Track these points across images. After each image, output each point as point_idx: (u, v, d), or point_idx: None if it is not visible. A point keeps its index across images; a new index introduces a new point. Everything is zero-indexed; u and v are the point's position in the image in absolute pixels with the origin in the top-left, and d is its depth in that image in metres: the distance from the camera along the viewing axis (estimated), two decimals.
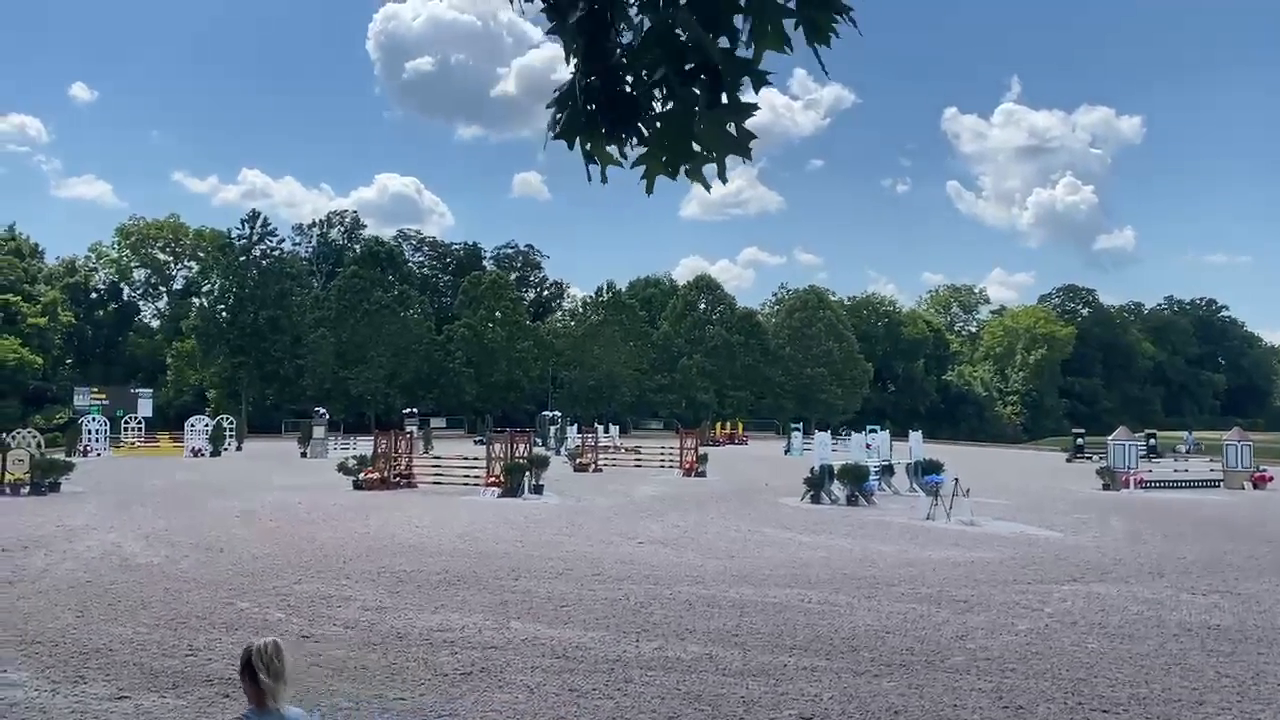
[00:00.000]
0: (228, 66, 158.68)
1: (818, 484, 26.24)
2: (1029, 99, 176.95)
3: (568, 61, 3.09)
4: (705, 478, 34.80)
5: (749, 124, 2.99)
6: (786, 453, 54.23)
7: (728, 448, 60.81)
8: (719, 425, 72.19)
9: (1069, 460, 50.57)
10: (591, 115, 3.08)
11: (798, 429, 58.78)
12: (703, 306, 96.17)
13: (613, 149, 3.14)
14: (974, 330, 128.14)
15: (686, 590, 13.12)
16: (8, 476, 27.10)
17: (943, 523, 21.40)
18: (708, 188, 3.12)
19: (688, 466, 36.28)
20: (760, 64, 2.92)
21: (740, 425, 73.74)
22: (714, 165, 3.06)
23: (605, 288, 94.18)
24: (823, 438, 28.81)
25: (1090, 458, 46.40)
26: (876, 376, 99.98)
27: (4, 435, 29.16)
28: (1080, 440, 53.81)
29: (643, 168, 3.08)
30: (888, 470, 30.09)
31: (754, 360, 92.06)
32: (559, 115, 3.11)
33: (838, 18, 2.89)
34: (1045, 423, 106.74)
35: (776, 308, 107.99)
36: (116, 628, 10.71)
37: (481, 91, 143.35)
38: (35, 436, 29.60)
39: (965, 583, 13.98)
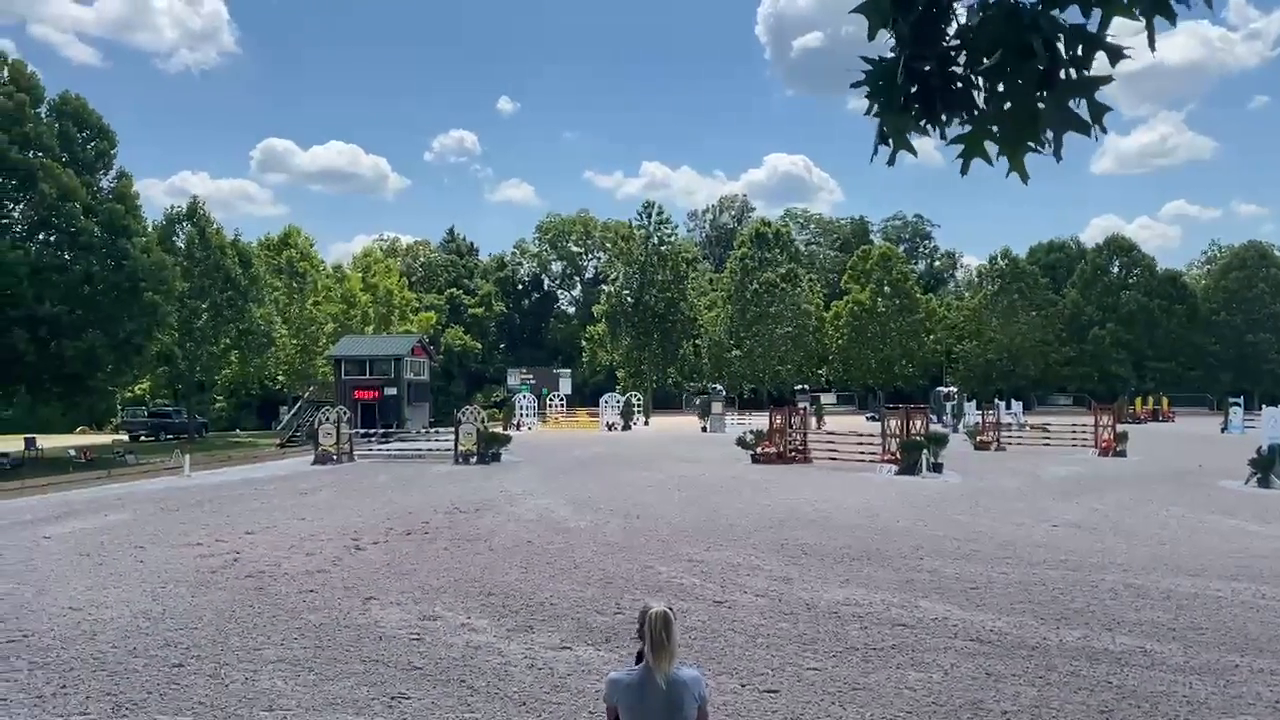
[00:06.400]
0: (627, 67, 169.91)
1: (1267, 465, 23.12)
2: None
3: (899, 47, 2.98)
4: (1125, 458, 31.84)
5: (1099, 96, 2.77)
6: (1224, 430, 48.11)
7: (1150, 425, 55.19)
8: (1139, 401, 65.57)
9: None
10: (910, 97, 2.97)
11: (1237, 404, 51.75)
12: (1116, 270, 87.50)
13: (920, 134, 3.03)
14: None
15: (1111, 578, 12.14)
16: (460, 447, 31.30)
17: None
18: (1024, 178, 2.91)
19: (1104, 445, 33.41)
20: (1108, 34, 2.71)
21: (1165, 400, 66.41)
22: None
23: (1000, 255, 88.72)
24: (1272, 413, 25.25)
25: None
26: None
27: (456, 412, 33.62)
28: None
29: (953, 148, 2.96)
30: None
31: (1179, 328, 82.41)
32: (875, 93, 3.02)
33: None
34: None
35: (1208, 268, 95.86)
36: (556, 584, 11.99)
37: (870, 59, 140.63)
38: (480, 412, 33.80)
39: None
